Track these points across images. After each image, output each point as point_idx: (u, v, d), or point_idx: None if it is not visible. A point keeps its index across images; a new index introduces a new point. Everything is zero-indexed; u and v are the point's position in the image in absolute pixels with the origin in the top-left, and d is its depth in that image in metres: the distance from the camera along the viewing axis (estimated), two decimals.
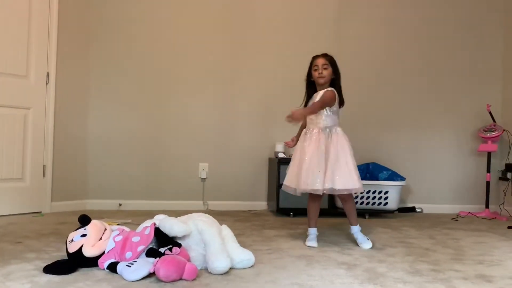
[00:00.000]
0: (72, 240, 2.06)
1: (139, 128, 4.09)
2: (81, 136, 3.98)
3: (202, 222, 2.13)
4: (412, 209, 4.32)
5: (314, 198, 2.76)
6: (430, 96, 4.44)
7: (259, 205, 4.20)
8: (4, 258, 2.19)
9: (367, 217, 3.81)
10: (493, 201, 4.30)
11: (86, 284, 1.82)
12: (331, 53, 2.80)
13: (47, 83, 3.70)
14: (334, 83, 2.76)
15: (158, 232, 2.06)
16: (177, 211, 3.51)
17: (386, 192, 3.88)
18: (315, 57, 2.78)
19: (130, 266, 1.90)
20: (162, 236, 2.05)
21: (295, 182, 2.72)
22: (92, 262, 2.02)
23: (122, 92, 4.08)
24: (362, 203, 3.87)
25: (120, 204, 3.99)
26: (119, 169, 4.04)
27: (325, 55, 2.76)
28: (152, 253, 1.98)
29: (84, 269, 2.00)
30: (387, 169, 4.04)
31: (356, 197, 3.83)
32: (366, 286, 1.90)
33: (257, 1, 4.28)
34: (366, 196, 3.87)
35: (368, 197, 3.88)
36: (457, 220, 3.88)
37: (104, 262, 2.00)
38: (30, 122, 3.62)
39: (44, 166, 3.70)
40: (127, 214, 3.67)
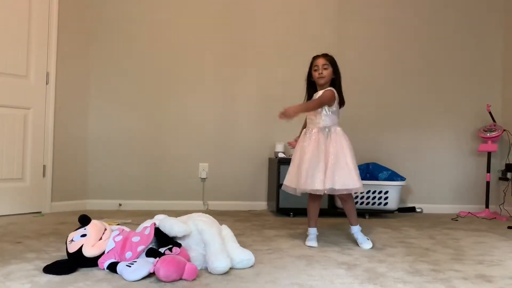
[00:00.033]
0: (72, 240, 2.06)
1: (139, 128, 4.09)
2: (81, 136, 3.98)
3: (202, 222, 2.13)
4: (412, 209, 4.32)
5: (314, 198, 2.76)
6: (430, 96, 4.44)
7: (259, 205, 4.20)
8: (4, 258, 2.19)
9: (367, 217, 3.81)
10: (493, 201, 4.30)
11: (86, 284, 1.82)
12: (331, 53, 2.80)
13: (47, 83, 3.70)
14: (335, 83, 2.76)
15: (158, 232, 2.06)
16: (177, 211, 3.51)
17: (386, 192, 3.88)
18: (315, 57, 2.78)
19: (130, 266, 1.90)
20: (162, 236, 2.05)
21: (295, 182, 2.72)
22: (92, 262, 2.02)
23: (122, 92, 4.08)
24: (362, 203, 3.88)
25: (120, 204, 3.99)
26: (119, 169, 4.04)
27: (326, 55, 2.76)
28: (152, 253, 1.98)
29: (84, 269, 2.00)
30: (387, 169, 4.04)
31: (356, 197, 3.83)
32: (366, 286, 1.90)
33: (257, 1, 4.28)
34: (366, 196, 3.87)
35: (368, 197, 3.88)
36: (457, 220, 3.88)
37: (104, 262, 2.00)
38: (30, 122, 3.62)
39: (44, 166, 3.70)
40: (127, 214, 3.67)
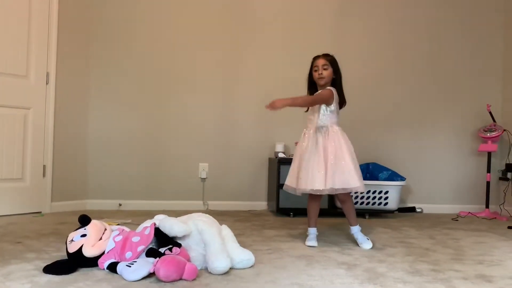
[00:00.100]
0: (72, 240, 2.06)
1: (139, 128, 4.09)
2: (81, 136, 3.98)
3: (202, 222, 2.13)
4: (412, 209, 4.32)
5: (314, 198, 2.76)
6: (430, 96, 4.44)
7: (259, 205, 4.20)
8: (4, 258, 2.19)
9: (367, 217, 3.81)
10: (493, 201, 4.30)
11: (86, 284, 1.82)
12: (332, 53, 2.79)
13: (47, 83, 3.70)
14: (335, 83, 2.76)
15: (158, 232, 2.06)
16: (177, 211, 3.51)
17: (386, 192, 3.88)
18: (316, 58, 2.77)
19: (130, 266, 1.90)
20: (162, 236, 2.05)
21: (295, 182, 2.72)
22: (92, 262, 2.02)
23: (122, 92, 4.08)
24: (362, 203, 3.88)
25: (120, 204, 3.99)
26: (119, 169, 4.04)
27: (326, 56, 2.75)
28: (152, 253, 1.98)
29: (84, 269, 2.00)
30: (387, 169, 4.04)
31: (356, 197, 3.83)
32: (366, 286, 1.90)
33: (257, 1, 4.28)
34: (366, 196, 3.87)
35: (368, 197, 3.88)
36: (457, 220, 3.88)
37: (104, 262, 2.00)
38: (30, 122, 3.62)
39: (44, 166, 3.70)
40: (127, 214, 3.67)
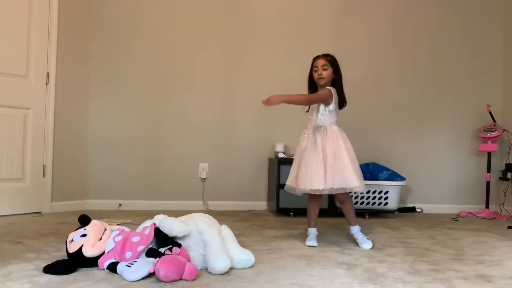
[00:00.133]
0: (72, 240, 2.06)
1: (139, 128, 4.09)
2: (81, 136, 3.98)
3: (202, 222, 2.13)
4: (412, 209, 4.32)
5: (314, 198, 2.76)
6: (430, 96, 4.44)
7: (259, 205, 4.20)
8: (4, 258, 2.19)
9: (367, 217, 3.81)
10: (493, 201, 4.30)
11: (86, 284, 1.82)
12: (332, 53, 2.78)
13: (47, 83, 3.70)
14: (335, 83, 2.76)
15: (158, 232, 2.06)
16: (177, 211, 3.51)
17: (386, 192, 3.88)
18: (315, 58, 2.77)
19: (130, 266, 1.90)
20: (162, 236, 2.05)
21: (295, 182, 2.73)
22: (92, 262, 2.02)
23: (122, 92, 4.08)
24: (362, 203, 3.87)
25: (120, 204, 3.99)
26: (119, 169, 4.04)
27: (326, 56, 2.74)
28: (152, 253, 1.98)
29: (84, 269, 2.00)
30: (387, 169, 4.04)
31: (356, 197, 3.83)
32: (366, 286, 1.90)
33: (257, 1, 4.28)
34: (366, 196, 3.87)
35: (368, 197, 3.88)
36: (457, 220, 3.88)
37: (104, 262, 2.00)
38: (30, 122, 3.62)
39: (44, 166, 3.70)
40: (127, 214, 3.67)
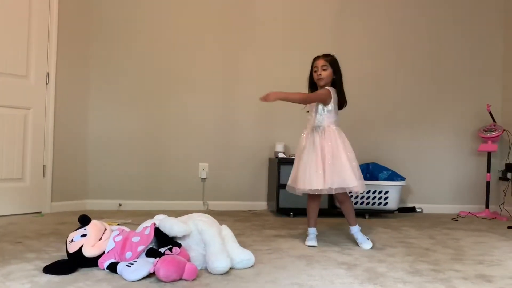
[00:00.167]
0: (72, 240, 2.06)
1: (139, 128, 4.09)
2: (81, 136, 3.98)
3: (202, 222, 2.13)
4: (412, 209, 4.32)
5: (313, 198, 2.76)
6: (430, 96, 4.44)
7: (259, 205, 4.20)
8: (4, 258, 2.19)
9: (367, 217, 3.81)
10: (493, 201, 4.30)
11: (86, 284, 1.82)
12: (333, 53, 2.77)
13: (47, 83, 3.70)
14: (335, 84, 2.75)
15: (158, 232, 2.06)
16: (177, 211, 3.51)
17: (386, 192, 3.88)
18: (315, 59, 2.77)
19: (130, 266, 1.90)
20: (162, 236, 2.05)
21: (295, 182, 2.73)
22: (92, 262, 2.02)
23: (122, 92, 4.08)
24: (362, 203, 3.87)
25: (120, 204, 3.99)
26: (119, 169, 4.04)
27: (326, 56, 2.74)
28: (152, 253, 1.98)
29: (84, 269, 2.00)
30: (387, 169, 4.04)
31: (356, 197, 3.83)
32: (366, 286, 1.90)
33: (257, 1, 4.28)
34: (366, 196, 3.87)
35: (368, 197, 3.88)
36: (457, 220, 3.88)
37: (104, 262, 2.00)
38: (30, 122, 3.62)
39: (44, 166, 3.70)
40: (127, 214, 3.67)
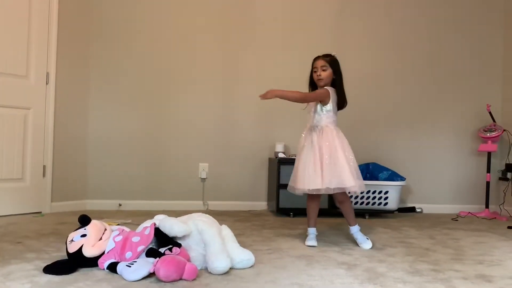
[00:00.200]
0: (72, 240, 2.06)
1: (139, 128, 4.09)
2: (81, 136, 3.98)
3: (202, 222, 2.13)
4: (412, 209, 4.32)
5: (313, 198, 2.76)
6: (430, 96, 4.43)
7: (259, 205, 4.20)
8: (4, 258, 2.19)
9: (367, 217, 3.81)
10: (493, 201, 4.30)
11: (86, 284, 1.82)
12: (334, 53, 2.76)
13: (47, 83, 3.70)
14: (335, 84, 2.75)
15: (158, 232, 2.06)
16: (177, 211, 3.51)
17: (386, 192, 3.88)
18: (315, 59, 2.76)
19: (130, 266, 1.91)
20: (162, 236, 2.05)
21: (295, 182, 2.74)
22: (92, 262, 2.02)
23: (122, 92, 4.08)
24: (362, 203, 3.87)
25: (120, 204, 3.99)
26: (119, 169, 4.04)
27: (325, 56, 2.73)
28: (152, 253, 1.98)
29: (84, 269, 2.01)
30: (387, 169, 4.04)
31: (356, 197, 3.83)
32: (366, 286, 1.90)
33: (257, 1, 4.27)
34: (366, 196, 3.87)
35: (368, 197, 3.88)
36: (457, 220, 3.88)
37: (104, 262, 2.00)
38: (30, 122, 3.62)
39: (44, 166, 3.70)
40: (127, 214, 3.67)
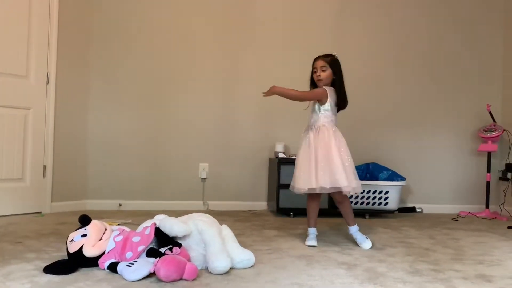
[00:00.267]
0: (73, 240, 2.06)
1: (139, 128, 4.09)
2: (81, 136, 3.98)
3: (202, 222, 2.13)
4: (412, 209, 4.32)
5: (313, 198, 2.76)
6: (430, 96, 4.44)
7: (259, 205, 4.20)
8: (4, 258, 2.19)
9: (367, 217, 3.81)
10: (493, 201, 4.30)
11: (87, 284, 1.82)
12: (334, 53, 2.76)
13: (47, 83, 3.70)
14: (335, 84, 2.75)
15: (158, 232, 2.06)
16: (177, 211, 3.51)
17: (386, 192, 3.88)
18: (315, 59, 2.76)
19: (131, 266, 1.91)
20: (162, 236, 2.05)
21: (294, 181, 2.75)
22: (93, 262, 2.02)
23: (122, 92, 4.08)
24: (362, 203, 3.87)
25: (120, 204, 3.99)
26: (119, 169, 4.04)
27: (325, 56, 2.73)
28: (153, 253, 1.98)
29: (85, 269, 2.01)
30: (387, 169, 4.04)
31: (356, 197, 3.83)
32: (366, 286, 1.90)
33: (257, 1, 4.27)
34: (366, 196, 3.87)
35: (368, 197, 3.88)
36: (457, 220, 3.88)
37: (105, 262, 2.00)
38: (30, 123, 3.62)
39: (44, 167, 3.70)
40: (127, 214, 3.67)
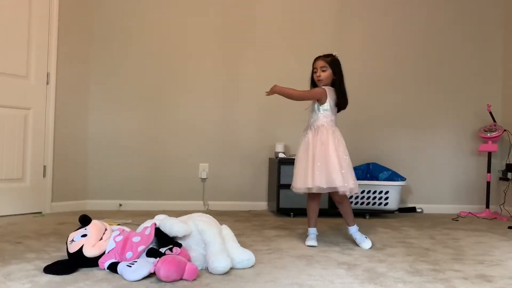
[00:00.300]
0: (73, 240, 2.06)
1: (139, 128, 4.09)
2: (81, 136, 3.98)
3: (203, 222, 2.13)
4: (413, 209, 4.32)
5: (313, 198, 2.76)
6: (430, 96, 4.44)
7: (259, 205, 4.20)
8: (4, 258, 2.19)
9: (368, 217, 3.81)
10: (494, 201, 4.30)
11: (87, 284, 1.82)
12: (335, 53, 2.76)
13: (48, 84, 3.70)
14: (335, 84, 2.75)
15: (159, 232, 2.06)
16: (177, 211, 3.51)
17: (387, 192, 3.88)
18: (315, 59, 2.76)
19: (131, 266, 1.91)
20: (163, 236, 2.05)
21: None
22: (93, 262, 2.02)
23: (122, 92, 4.08)
24: (363, 203, 3.88)
25: (120, 204, 3.99)
26: (119, 169, 4.04)
27: (325, 57, 2.73)
28: (153, 253, 1.98)
29: (85, 269, 2.01)
30: (387, 169, 4.04)
31: (356, 197, 3.83)
32: (366, 286, 1.90)
33: (257, 1, 4.28)
34: (367, 196, 3.87)
35: (369, 197, 3.88)
36: (458, 220, 3.88)
37: (105, 262, 2.00)
38: (30, 123, 3.62)
39: (45, 167, 3.70)
40: (127, 214, 3.67)
